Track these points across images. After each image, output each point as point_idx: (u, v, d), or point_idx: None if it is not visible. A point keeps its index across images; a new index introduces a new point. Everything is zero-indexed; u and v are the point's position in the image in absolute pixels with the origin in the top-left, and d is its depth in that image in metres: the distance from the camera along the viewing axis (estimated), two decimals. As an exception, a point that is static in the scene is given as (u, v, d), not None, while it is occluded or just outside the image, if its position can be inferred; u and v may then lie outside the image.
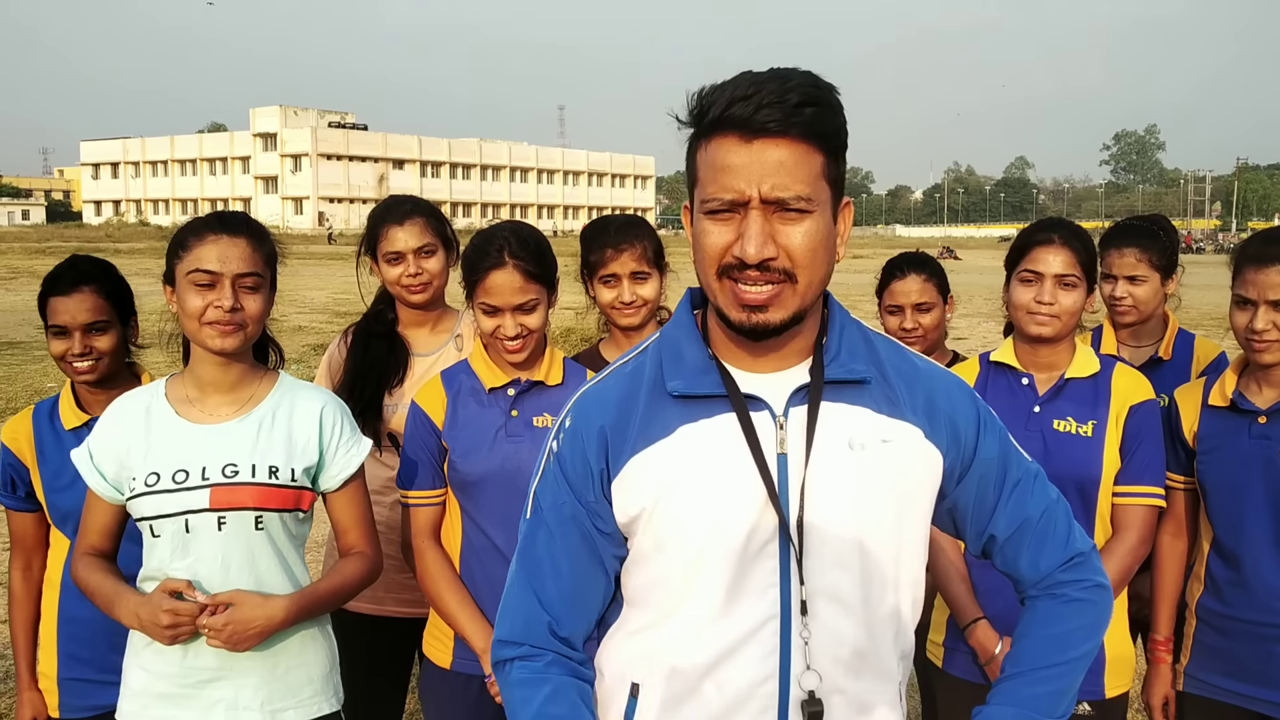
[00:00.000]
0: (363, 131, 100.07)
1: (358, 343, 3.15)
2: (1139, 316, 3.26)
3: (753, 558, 1.53)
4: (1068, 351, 2.68)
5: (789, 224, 1.45)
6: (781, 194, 1.43)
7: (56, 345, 2.67)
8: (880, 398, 1.59)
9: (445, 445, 2.62)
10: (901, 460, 1.57)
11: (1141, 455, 2.61)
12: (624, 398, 1.60)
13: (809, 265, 1.46)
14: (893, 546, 1.58)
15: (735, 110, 1.42)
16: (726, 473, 1.53)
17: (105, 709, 2.68)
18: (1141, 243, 3.23)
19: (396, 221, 3.09)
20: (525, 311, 2.55)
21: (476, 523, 2.62)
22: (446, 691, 2.69)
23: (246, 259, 2.25)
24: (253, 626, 2.20)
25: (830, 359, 1.57)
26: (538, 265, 2.57)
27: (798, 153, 1.43)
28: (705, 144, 1.47)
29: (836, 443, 1.55)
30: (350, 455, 2.40)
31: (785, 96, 1.41)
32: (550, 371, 2.66)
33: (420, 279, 3.07)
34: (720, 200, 1.45)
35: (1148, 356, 3.29)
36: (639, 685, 1.61)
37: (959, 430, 1.63)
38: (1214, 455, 2.62)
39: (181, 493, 2.24)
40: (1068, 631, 1.67)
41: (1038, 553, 1.69)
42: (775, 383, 1.56)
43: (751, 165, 1.42)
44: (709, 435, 1.55)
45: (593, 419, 1.60)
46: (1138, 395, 2.64)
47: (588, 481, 1.59)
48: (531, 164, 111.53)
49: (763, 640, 1.53)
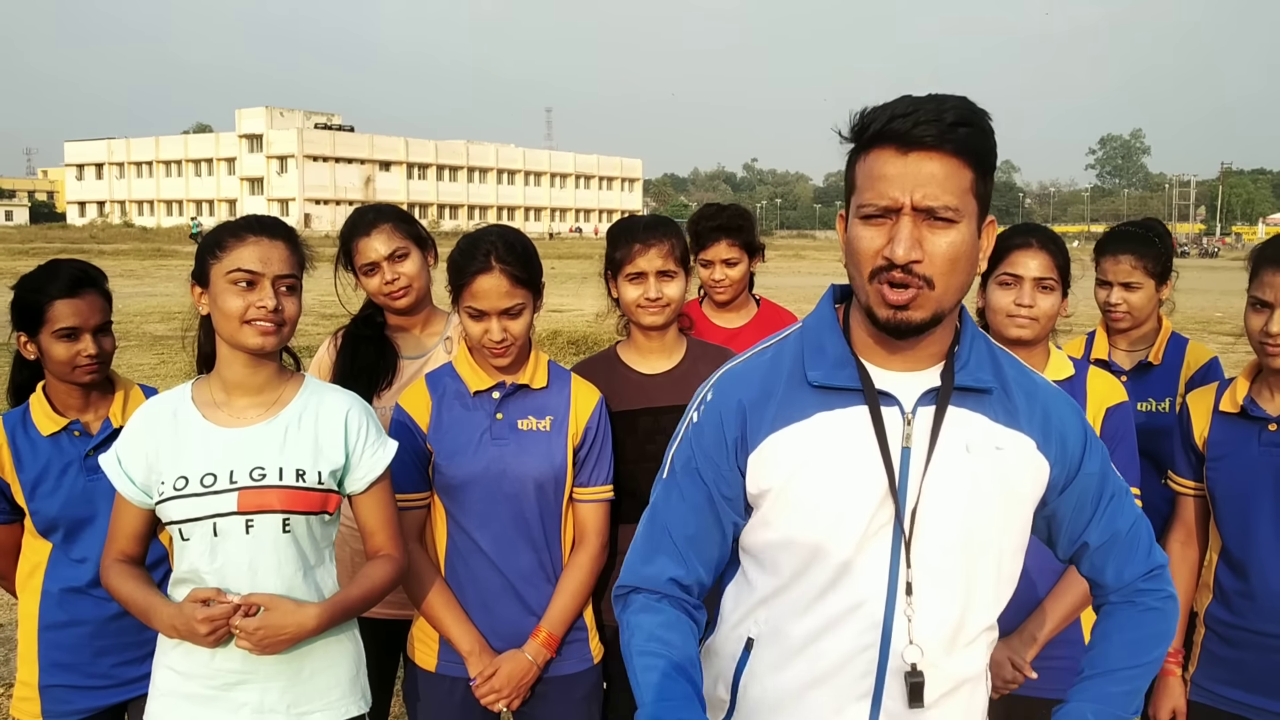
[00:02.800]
0: (349, 133, 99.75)
1: (346, 345, 3.15)
2: (1134, 323, 3.27)
3: (869, 539, 1.66)
4: (1042, 355, 2.71)
5: (936, 232, 1.55)
6: (931, 203, 1.54)
7: (63, 349, 2.64)
8: (999, 408, 1.71)
9: (430, 448, 2.62)
10: (1011, 467, 1.70)
11: (1119, 456, 2.61)
12: (766, 379, 1.73)
13: (949, 272, 1.57)
14: (995, 543, 1.71)
15: (895, 125, 1.54)
16: (854, 460, 1.66)
17: (88, 712, 2.68)
18: (1138, 249, 3.24)
19: (364, 233, 3.09)
20: (511, 316, 2.55)
21: (461, 525, 2.62)
22: (432, 694, 2.69)
23: (286, 261, 2.27)
24: (284, 633, 2.22)
25: (960, 366, 1.69)
26: (524, 270, 2.57)
27: (949, 166, 1.54)
28: (865, 156, 1.59)
29: (956, 444, 1.67)
30: (376, 458, 2.39)
31: (942, 115, 1.52)
32: (535, 374, 2.67)
33: (398, 284, 3.07)
34: (875, 206, 1.56)
35: (1138, 360, 3.30)
36: (754, 640, 1.77)
37: (1068, 445, 1.75)
38: (1223, 462, 2.58)
39: (209, 496, 2.24)
40: (1145, 637, 1.82)
41: (1123, 563, 1.83)
42: (907, 382, 1.68)
43: (906, 175, 1.54)
44: (842, 424, 1.67)
45: (733, 394, 1.73)
46: (1112, 398, 2.67)
47: (722, 451, 1.73)
48: (519, 166, 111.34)
49: (870, 613, 1.67)
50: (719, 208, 3.76)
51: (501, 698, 2.60)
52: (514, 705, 2.64)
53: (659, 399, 2.79)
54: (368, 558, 2.45)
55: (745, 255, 3.67)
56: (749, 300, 3.81)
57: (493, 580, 2.61)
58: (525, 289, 2.57)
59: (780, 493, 1.69)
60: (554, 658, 2.65)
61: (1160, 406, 3.27)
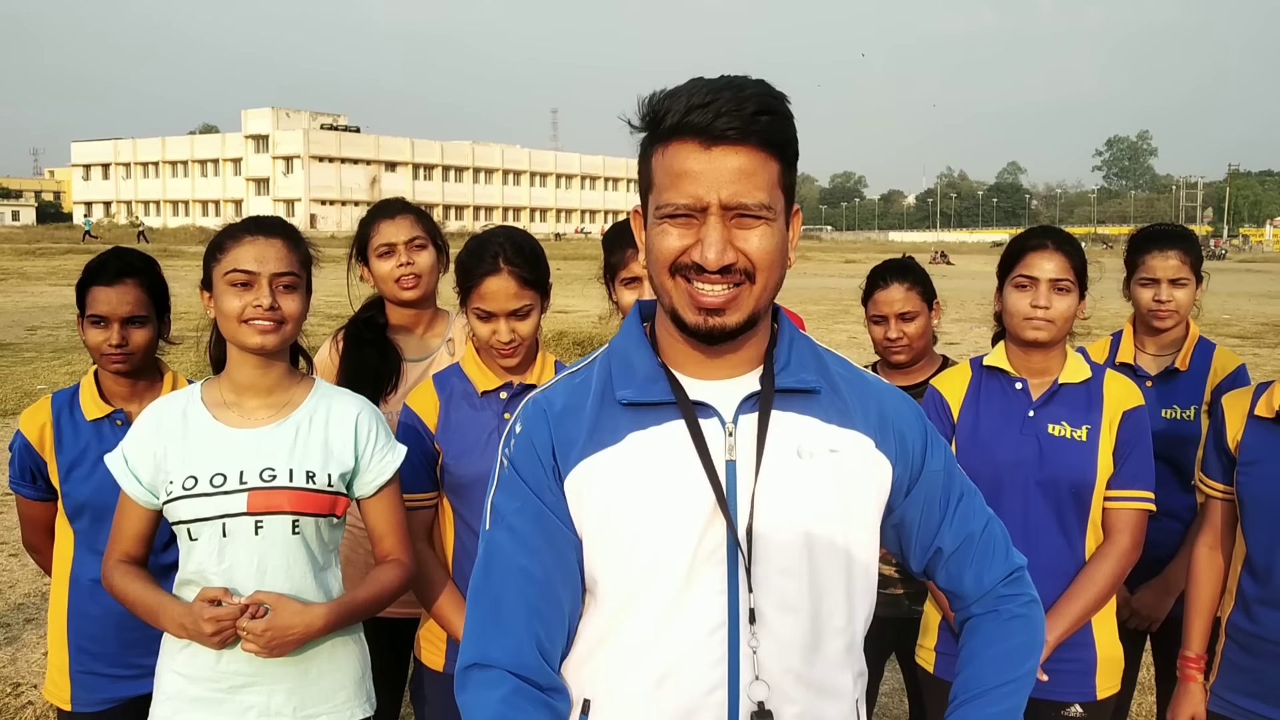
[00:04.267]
0: (355, 134, 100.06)
1: (349, 349, 3.14)
2: (1179, 320, 3.23)
3: (701, 565, 1.51)
4: (1059, 357, 2.69)
5: (747, 229, 1.45)
6: (743, 199, 1.43)
7: (94, 335, 2.66)
8: (830, 408, 1.59)
9: (438, 448, 2.62)
10: (850, 469, 1.57)
11: (1134, 460, 2.61)
12: (572, 404, 1.59)
13: (767, 268, 1.47)
14: (842, 556, 1.57)
15: (694, 118, 1.42)
16: (676, 480, 1.52)
17: (117, 701, 2.70)
18: (1184, 246, 3.21)
19: (388, 216, 3.13)
20: (519, 317, 2.56)
21: (469, 525, 2.62)
22: (440, 693, 2.68)
23: (283, 259, 2.26)
24: (291, 633, 2.21)
25: (780, 368, 1.57)
26: (532, 272, 2.57)
27: (756, 160, 1.44)
28: (662, 149, 1.47)
29: (785, 451, 1.54)
30: (385, 462, 2.39)
31: (742, 105, 1.41)
32: (543, 375, 2.67)
33: (411, 270, 3.07)
34: (678, 205, 1.45)
35: (1164, 365, 3.27)
36: (590, 701, 1.58)
37: (907, 443, 1.64)
38: (1254, 467, 2.51)
39: (219, 496, 2.24)
40: (1013, 649, 1.68)
41: (981, 567, 1.70)
42: (725, 390, 1.56)
43: (711, 172, 1.43)
44: (658, 442, 1.53)
45: (541, 421, 1.59)
46: (1129, 401, 2.64)
47: (544, 481, 1.56)
48: (524, 167, 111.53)
49: (711, 649, 1.51)
50: None
51: (509, 698, 2.58)
52: (521, 705, 2.62)
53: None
54: (377, 562, 2.44)
55: None
56: None
57: (501, 580, 2.60)
58: (533, 290, 2.58)
59: (598, 528, 1.54)
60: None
61: (1185, 414, 3.22)
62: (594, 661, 1.58)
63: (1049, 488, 2.59)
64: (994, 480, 2.58)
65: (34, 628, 5.42)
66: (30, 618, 5.58)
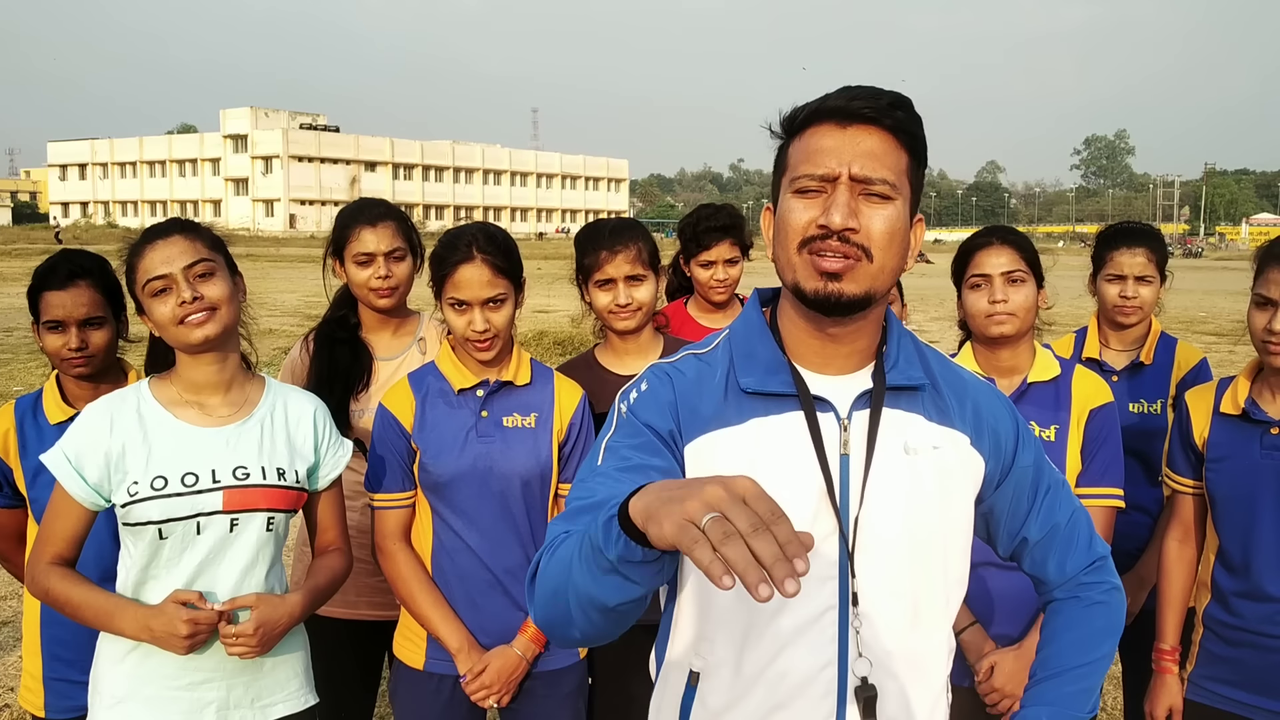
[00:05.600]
0: (334, 133, 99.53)
1: (321, 348, 3.12)
2: (1142, 317, 3.29)
3: (814, 553, 1.54)
4: (1028, 355, 2.70)
5: (872, 206, 1.52)
6: (870, 173, 1.50)
7: (52, 340, 2.64)
8: (931, 405, 1.67)
9: (415, 447, 2.62)
10: (949, 465, 1.66)
11: (1102, 458, 2.64)
12: (700, 378, 1.64)
13: (885, 247, 1.52)
14: (940, 546, 1.66)
15: (832, 102, 1.53)
16: (792, 469, 1.59)
17: None
18: (1151, 244, 3.27)
19: (369, 223, 3.05)
20: (494, 307, 2.57)
21: (448, 523, 2.63)
22: (419, 692, 2.69)
23: (187, 250, 2.24)
24: (279, 626, 2.25)
25: (890, 366, 1.64)
26: (506, 260, 2.59)
27: (887, 143, 1.53)
28: (800, 136, 1.56)
29: (893, 447, 1.62)
30: (338, 456, 2.46)
31: (879, 96, 1.53)
32: (519, 371, 2.68)
33: (389, 283, 3.05)
34: (811, 176, 1.52)
35: (1129, 360, 3.31)
36: (698, 674, 1.66)
37: (1000, 440, 1.72)
38: (1223, 464, 2.54)
39: (192, 495, 2.23)
40: (1093, 633, 1.78)
41: (1065, 556, 1.80)
42: (841, 386, 1.63)
43: (844, 147, 1.51)
44: (778, 431, 1.60)
45: (668, 384, 1.63)
46: (1097, 399, 2.67)
47: (664, 432, 1.59)
48: (505, 166, 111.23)
49: (823, 629, 1.60)
50: (716, 208, 3.76)
51: (492, 694, 2.60)
52: (504, 701, 2.64)
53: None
54: (319, 552, 2.49)
55: (742, 254, 3.70)
56: (734, 300, 3.82)
57: (480, 576, 2.62)
58: (507, 279, 2.59)
59: None
60: (542, 653, 2.65)
61: (1152, 408, 3.27)
62: (709, 637, 1.64)
63: None
64: None
65: (9, 632, 5.38)
66: (5, 621, 5.54)
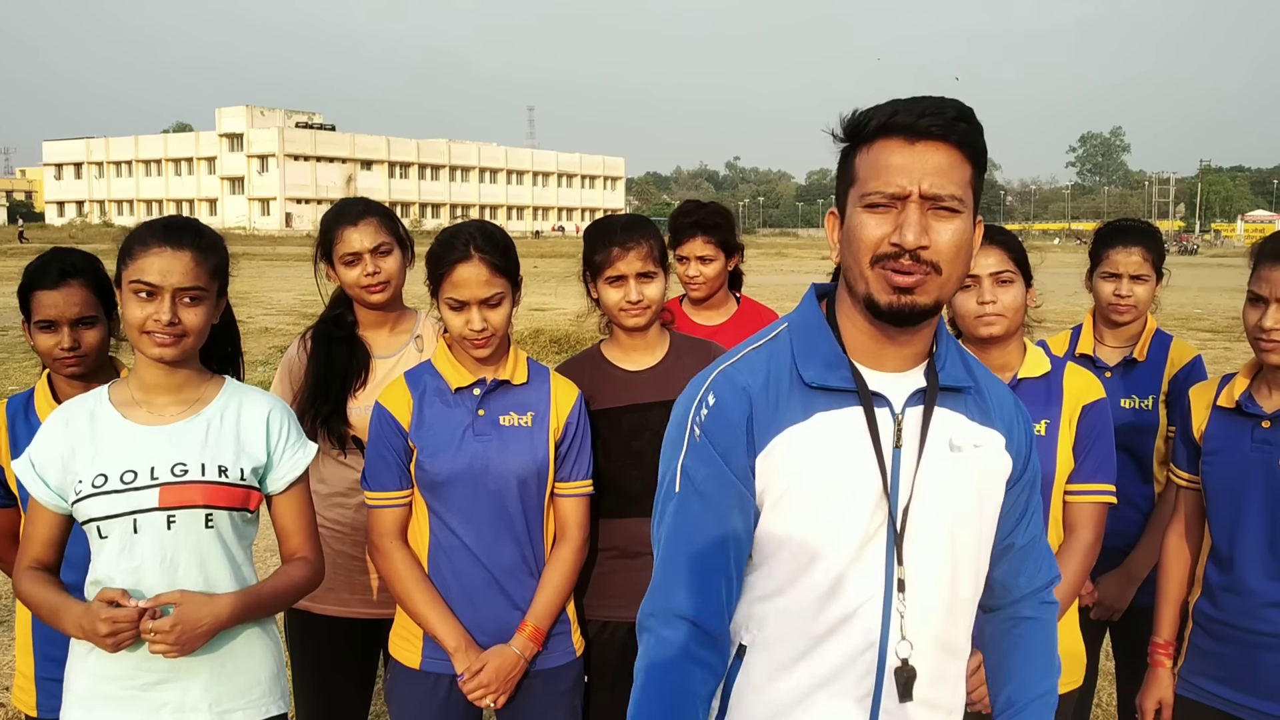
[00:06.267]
0: (330, 132, 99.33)
1: (318, 346, 3.13)
2: (1137, 315, 3.30)
3: (869, 540, 1.68)
4: (1018, 352, 2.70)
5: (941, 221, 1.59)
6: (939, 191, 1.58)
7: (44, 340, 2.63)
8: (974, 406, 1.76)
9: (412, 445, 2.62)
10: (986, 463, 1.76)
11: (1096, 454, 2.63)
12: (767, 379, 1.71)
13: (952, 260, 1.61)
14: (975, 536, 1.76)
15: (900, 118, 1.59)
16: (851, 462, 1.67)
17: None
18: (1147, 243, 3.28)
19: (350, 223, 3.06)
20: (491, 306, 2.57)
21: (445, 521, 2.62)
22: (415, 691, 2.69)
23: (189, 273, 2.22)
24: (200, 626, 2.19)
25: (941, 366, 1.73)
26: (503, 259, 2.59)
27: (954, 158, 1.60)
28: (867, 148, 1.63)
29: (941, 443, 1.71)
30: (296, 459, 2.41)
31: (944, 110, 1.58)
32: (515, 370, 2.68)
33: (378, 278, 3.05)
34: (883, 194, 1.59)
35: (1123, 356, 3.32)
36: (746, 647, 1.73)
37: (1023, 445, 1.83)
38: (1216, 457, 2.58)
39: (129, 493, 2.22)
40: (1050, 654, 1.93)
41: (1036, 568, 1.91)
42: (896, 383, 1.71)
43: (914, 165, 1.58)
44: (840, 425, 1.68)
45: (740, 397, 1.70)
46: (1089, 395, 2.66)
47: (736, 452, 1.68)
48: (501, 165, 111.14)
49: (869, 613, 1.68)
50: (697, 205, 3.76)
51: (489, 693, 2.60)
52: (500, 701, 2.63)
53: (643, 395, 2.80)
54: (284, 560, 2.45)
55: (721, 253, 3.67)
56: (728, 298, 3.81)
57: (477, 575, 2.62)
58: (504, 278, 2.59)
59: (783, 495, 1.68)
60: (540, 651, 2.65)
61: (1144, 404, 3.28)
62: (760, 615, 1.72)
63: None
64: None
65: (2, 632, 5.38)
66: (2, 619, 5.54)
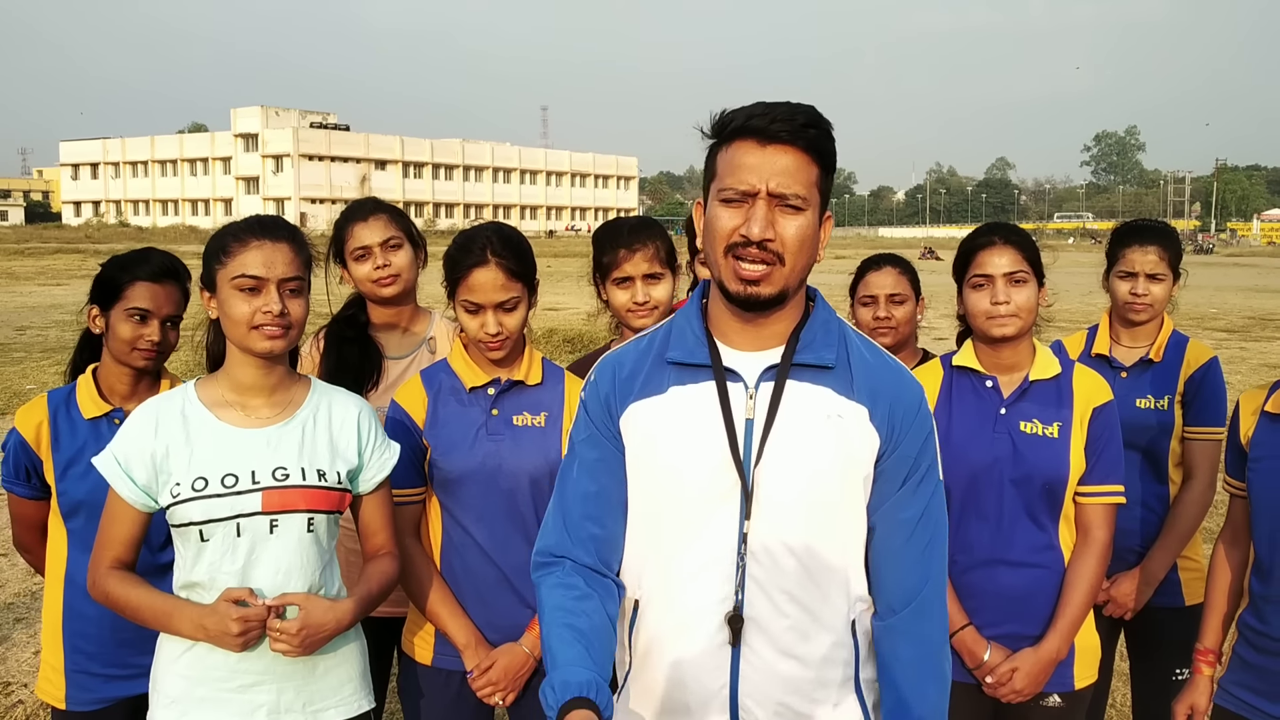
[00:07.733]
0: (345, 132, 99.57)
1: (330, 346, 3.15)
2: (1153, 315, 3.28)
3: (717, 501, 1.86)
4: (1028, 352, 2.70)
5: (786, 217, 1.78)
6: (784, 190, 1.77)
7: (130, 327, 2.66)
8: (841, 381, 1.89)
9: (426, 444, 2.64)
10: (848, 434, 1.87)
11: (1107, 456, 2.63)
12: (635, 360, 1.97)
13: (796, 252, 1.79)
14: (836, 504, 1.88)
15: (755, 121, 1.77)
16: (703, 430, 1.86)
17: (111, 701, 2.71)
18: (1164, 242, 3.27)
19: (361, 219, 3.14)
20: (507, 310, 2.58)
21: (457, 520, 2.64)
22: (427, 688, 2.71)
23: (290, 263, 2.27)
24: (324, 629, 2.24)
25: (803, 346, 1.88)
26: (519, 264, 2.60)
27: (800, 160, 1.78)
28: (726, 147, 1.81)
29: (796, 414, 1.85)
30: (384, 459, 2.44)
31: (795, 117, 1.77)
32: (530, 371, 2.69)
33: (388, 270, 3.09)
34: (735, 190, 1.78)
35: (1139, 357, 3.31)
36: (640, 602, 1.93)
37: (897, 423, 1.90)
38: (1261, 464, 2.50)
39: (232, 496, 2.23)
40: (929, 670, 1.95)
41: (905, 574, 1.92)
42: (751, 360, 1.88)
43: (763, 165, 1.77)
44: (693, 397, 1.88)
45: (608, 373, 1.98)
46: (1099, 397, 2.66)
47: (605, 416, 1.95)
48: (514, 164, 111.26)
49: (722, 568, 1.86)
50: None
51: (498, 690, 2.61)
52: (509, 699, 2.65)
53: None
54: (368, 557, 2.47)
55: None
56: None
57: (488, 574, 2.63)
58: (520, 282, 2.60)
59: (638, 458, 1.91)
60: (549, 650, 2.67)
61: (1159, 404, 3.26)
62: (641, 571, 1.93)
63: (1023, 485, 2.61)
64: (970, 479, 2.61)
65: (24, 627, 5.42)
66: (20, 617, 5.58)
